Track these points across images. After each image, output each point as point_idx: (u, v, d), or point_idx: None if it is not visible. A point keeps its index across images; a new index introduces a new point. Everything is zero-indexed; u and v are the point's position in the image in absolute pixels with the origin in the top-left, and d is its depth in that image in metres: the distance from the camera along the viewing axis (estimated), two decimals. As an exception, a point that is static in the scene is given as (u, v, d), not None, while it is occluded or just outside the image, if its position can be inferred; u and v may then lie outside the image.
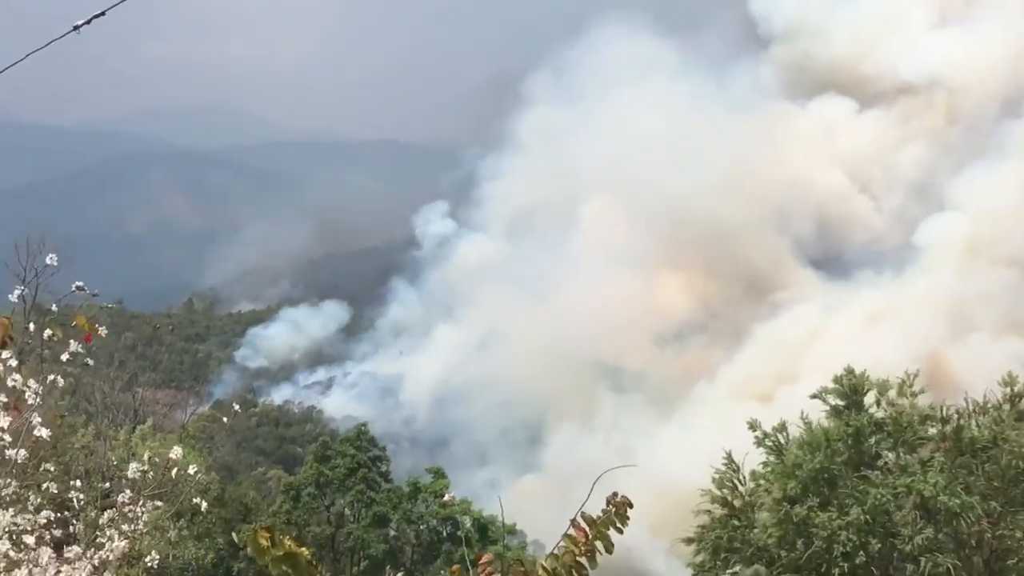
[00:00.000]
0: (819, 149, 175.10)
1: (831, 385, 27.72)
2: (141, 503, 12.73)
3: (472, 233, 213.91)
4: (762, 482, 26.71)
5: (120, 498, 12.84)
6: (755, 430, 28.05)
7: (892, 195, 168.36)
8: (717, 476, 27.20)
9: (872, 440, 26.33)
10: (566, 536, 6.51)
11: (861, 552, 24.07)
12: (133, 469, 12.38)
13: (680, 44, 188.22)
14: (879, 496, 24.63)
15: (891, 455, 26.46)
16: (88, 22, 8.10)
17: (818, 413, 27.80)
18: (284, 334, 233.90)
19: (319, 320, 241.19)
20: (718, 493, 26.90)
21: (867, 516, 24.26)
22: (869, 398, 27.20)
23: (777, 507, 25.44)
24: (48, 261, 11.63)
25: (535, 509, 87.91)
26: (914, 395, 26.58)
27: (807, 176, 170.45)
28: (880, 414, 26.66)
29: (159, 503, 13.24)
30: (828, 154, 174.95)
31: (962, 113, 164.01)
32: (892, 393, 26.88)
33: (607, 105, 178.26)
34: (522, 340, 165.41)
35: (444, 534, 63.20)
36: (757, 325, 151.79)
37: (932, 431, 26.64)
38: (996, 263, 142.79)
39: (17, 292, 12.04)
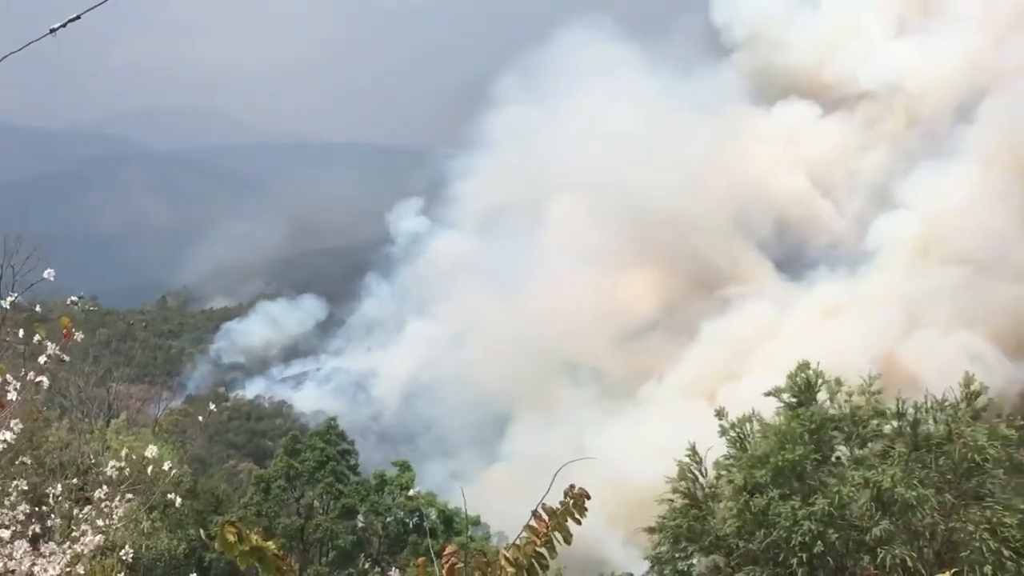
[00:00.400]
0: (782, 152, 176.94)
1: (785, 382, 28.11)
2: (118, 499, 12.93)
3: (445, 230, 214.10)
4: (723, 473, 27.06)
5: (97, 494, 13.05)
6: (721, 418, 28.34)
7: (853, 198, 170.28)
8: (680, 467, 27.51)
9: (831, 434, 26.72)
10: (527, 527, 6.75)
11: (819, 543, 24.45)
12: (111, 467, 12.61)
13: (646, 48, 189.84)
14: (842, 489, 25.01)
15: (845, 449, 26.88)
16: (64, 25, 8.33)
17: (769, 410, 28.22)
18: (258, 329, 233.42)
19: (293, 315, 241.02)
20: (680, 483, 27.21)
21: (831, 509, 24.64)
22: (822, 394, 27.63)
23: (737, 497, 25.79)
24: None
25: (499, 501, 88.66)
26: (872, 393, 27.00)
27: (770, 178, 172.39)
28: (833, 410, 27.08)
29: (131, 496, 13.45)
30: (791, 157, 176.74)
31: (921, 118, 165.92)
32: (845, 390, 27.32)
33: (575, 106, 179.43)
34: (491, 336, 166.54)
35: (410, 525, 63.63)
36: (713, 323, 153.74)
37: (887, 427, 27.09)
38: (946, 261, 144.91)
39: (10, 299, 12.17)
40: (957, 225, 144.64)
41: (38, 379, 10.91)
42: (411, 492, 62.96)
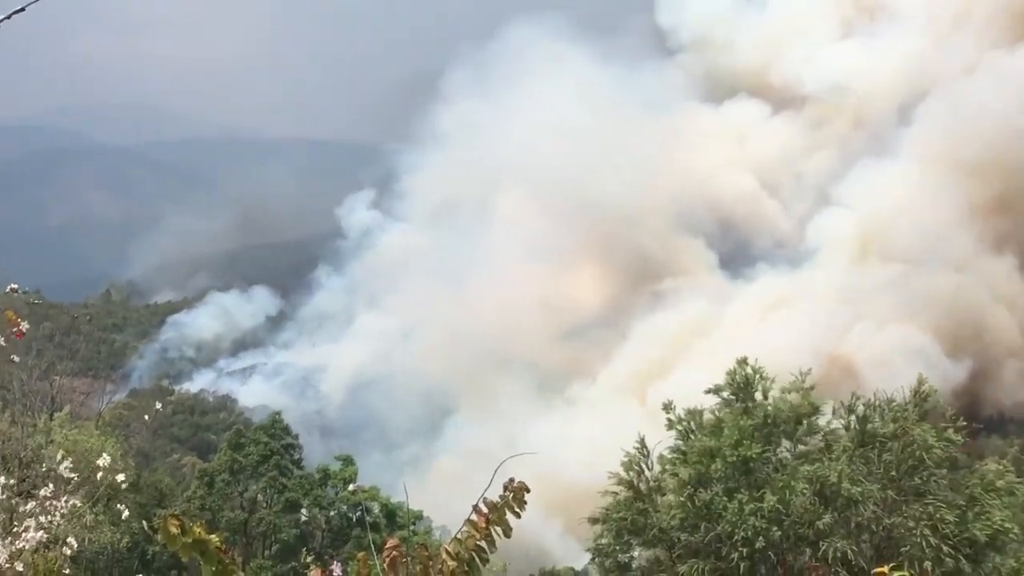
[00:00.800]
0: (730, 151, 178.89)
1: (724, 378, 28.33)
2: (64, 498, 12.92)
3: (396, 224, 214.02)
4: (668, 467, 27.24)
5: (42, 492, 13.01)
6: (669, 412, 28.48)
7: (798, 197, 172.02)
8: (626, 459, 27.65)
9: (775, 430, 26.97)
10: (468, 522, 6.84)
11: (761, 538, 24.70)
12: (64, 468, 12.58)
13: (596, 45, 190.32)
14: (791, 484, 25.27)
15: (788, 445, 27.17)
16: (8, 17, 8.26)
17: (703, 405, 28.45)
18: (208, 322, 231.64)
19: (245, 308, 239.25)
20: (625, 476, 27.36)
21: (779, 505, 24.89)
22: (763, 391, 27.91)
23: (683, 490, 25.99)
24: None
25: (442, 495, 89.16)
26: (805, 390, 27.31)
27: (717, 176, 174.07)
28: (770, 406, 27.35)
29: (78, 502, 13.41)
30: (739, 156, 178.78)
31: (866, 119, 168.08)
32: (782, 387, 27.61)
33: (524, 101, 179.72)
34: (438, 330, 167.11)
35: (353, 520, 63.67)
36: (650, 319, 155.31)
37: (835, 424, 27.43)
38: (885, 258, 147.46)
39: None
40: (896, 223, 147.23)
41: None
42: (352, 487, 63.05)
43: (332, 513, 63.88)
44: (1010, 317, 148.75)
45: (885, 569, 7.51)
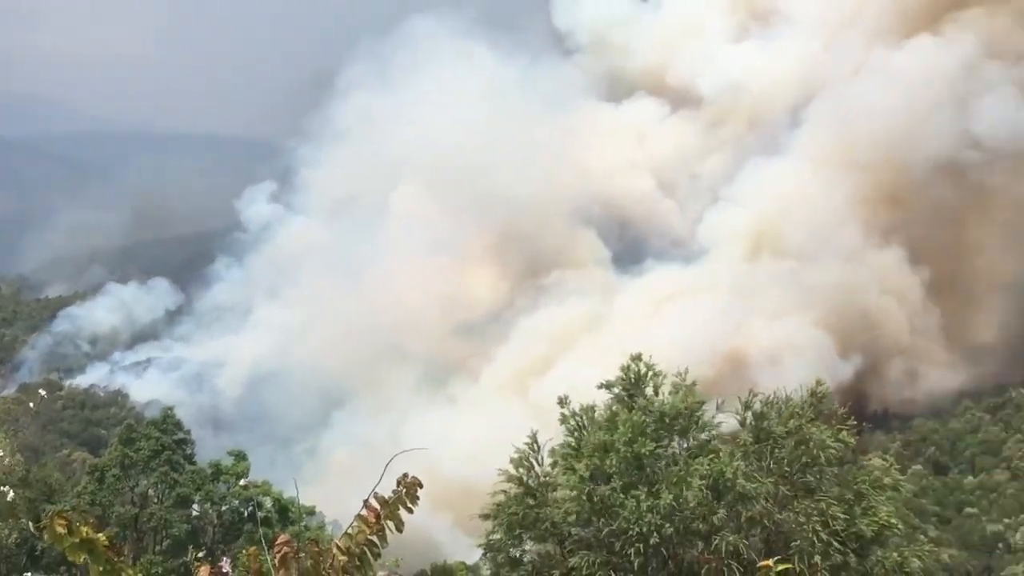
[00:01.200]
0: (628, 149, 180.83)
1: (617, 374, 28.54)
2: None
3: (295, 217, 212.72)
4: (560, 461, 27.38)
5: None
6: (563, 406, 28.57)
7: (695, 195, 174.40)
8: (516, 455, 27.70)
9: (668, 425, 27.22)
10: (359, 516, 6.83)
11: (656, 534, 24.96)
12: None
13: (496, 43, 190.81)
14: (687, 480, 25.54)
15: (680, 441, 27.48)
16: None
17: (594, 400, 28.62)
18: (104, 315, 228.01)
19: (140, 300, 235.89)
20: (515, 472, 27.43)
21: (674, 502, 25.14)
22: (657, 387, 28.19)
23: (580, 485, 26.16)
24: None
25: (336, 490, 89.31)
26: (688, 386, 27.63)
27: (615, 175, 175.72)
28: (663, 403, 27.62)
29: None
30: (636, 155, 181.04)
31: (761, 119, 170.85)
32: (673, 383, 27.91)
33: (423, 97, 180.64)
34: (335, 324, 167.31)
35: (245, 515, 63.34)
36: (542, 315, 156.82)
37: (731, 420, 27.80)
38: (776, 253, 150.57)
39: None
40: (786, 219, 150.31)
41: None
42: (244, 481, 62.79)
43: (224, 508, 63.51)
44: (899, 309, 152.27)
45: (770, 562, 7.68)
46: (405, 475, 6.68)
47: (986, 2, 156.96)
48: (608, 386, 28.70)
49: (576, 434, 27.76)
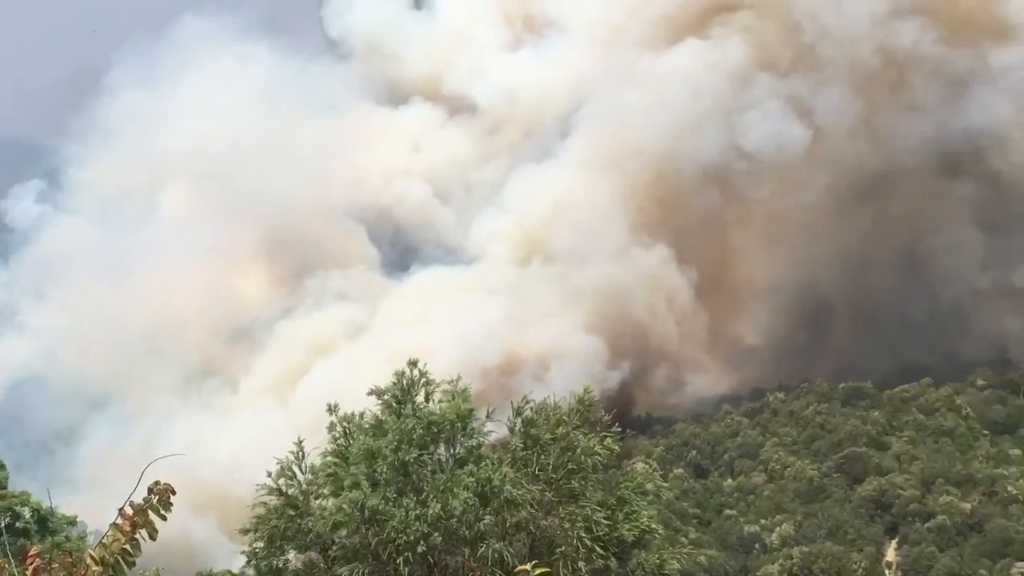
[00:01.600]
0: (403, 155, 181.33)
1: (389, 380, 28.48)
2: None
3: (64, 217, 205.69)
4: (325, 469, 27.17)
5: None
6: (332, 413, 28.37)
7: (469, 203, 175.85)
8: (278, 465, 27.38)
9: (436, 432, 27.26)
10: (113, 525, 6.72)
11: (423, 542, 25.01)
12: None
13: (270, 44, 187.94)
14: (454, 490, 25.62)
15: (446, 448, 27.58)
16: None
17: (363, 406, 28.50)
18: None
19: None
20: (274, 484, 27.12)
21: (442, 512, 25.19)
22: (424, 394, 28.23)
23: (348, 495, 26.00)
24: None
25: (97, 498, 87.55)
26: (461, 393, 27.79)
27: (389, 180, 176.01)
28: (433, 409, 27.69)
29: None
30: (412, 160, 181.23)
31: (534, 127, 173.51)
32: (442, 389, 28.03)
33: (194, 97, 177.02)
34: (102, 328, 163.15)
35: (3, 525, 61.14)
36: (310, 320, 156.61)
37: (501, 427, 28.02)
38: (546, 258, 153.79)
39: None
40: (555, 224, 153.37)
41: None
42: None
43: (-23, 521, 61.13)
44: (668, 312, 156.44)
45: (528, 567, 7.80)
46: (157, 482, 6.59)
47: (755, 11, 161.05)
48: (379, 393, 28.55)
49: (341, 441, 27.61)
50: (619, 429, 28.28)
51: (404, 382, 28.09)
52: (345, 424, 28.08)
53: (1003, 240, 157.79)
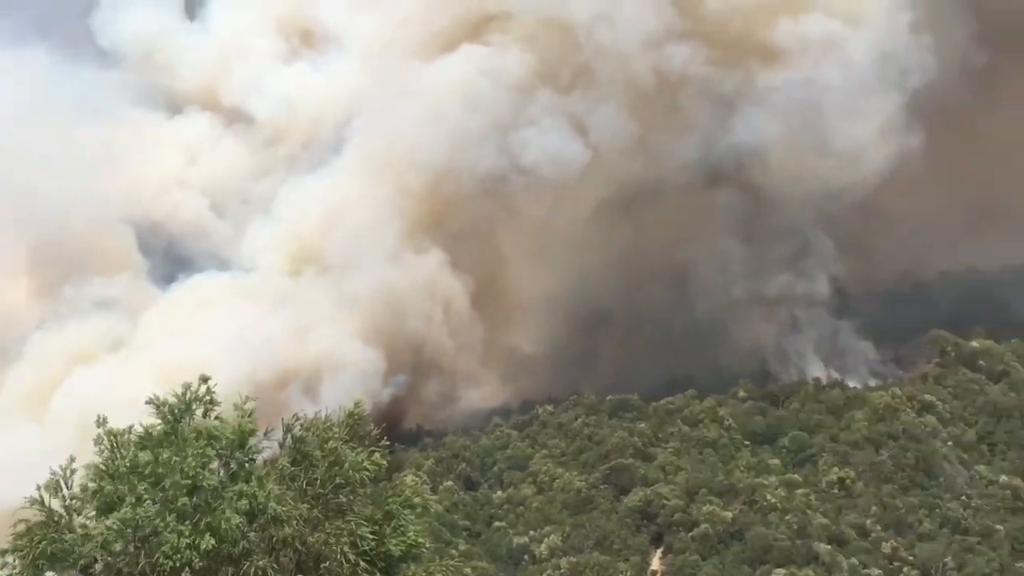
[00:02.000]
0: (179, 164, 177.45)
1: (169, 393, 28.03)
2: None
3: None
4: (91, 485, 26.57)
5: None
6: (100, 426, 27.63)
7: (244, 214, 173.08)
8: (51, 477, 26.71)
9: (208, 451, 26.99)
10: None
11: (187, 568, 24.79)
12: None
13: (38, 48, 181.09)
14: (224, 511, 25.45)
15: (218, 465, 27.28)
16: None
17: (138, 420, 27.94)
18: None
19: None
20: (38, 497, 26.46)
21: (212, 537, 24.99)
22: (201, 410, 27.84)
23: (107, 512, 25.59)
24: None
25: None
26: (244, 409, 27.60)
27: (164, 189, 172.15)
28: (208, 426, 27.36)
29: None
30: (188, 170, 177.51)
31: (311, 139, 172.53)
32: (219, 408, 27.78)
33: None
34: None
35: None
36: (69, 330, 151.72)
37: (272, 444, 27.92)
38: (317, 268, 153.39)
39: None
40: (326, 232, 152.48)
41: None
42: None
43: None
44: (443, 319, 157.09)
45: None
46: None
47: (535, 21, 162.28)
48: (159, 404, 28.01)
49: (107, 455, 27.02)
50: (388, 443, 28.50)
51: (188, 395, 27.54)
52: (112, 438, 27.41)
53: (759, 250, 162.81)
